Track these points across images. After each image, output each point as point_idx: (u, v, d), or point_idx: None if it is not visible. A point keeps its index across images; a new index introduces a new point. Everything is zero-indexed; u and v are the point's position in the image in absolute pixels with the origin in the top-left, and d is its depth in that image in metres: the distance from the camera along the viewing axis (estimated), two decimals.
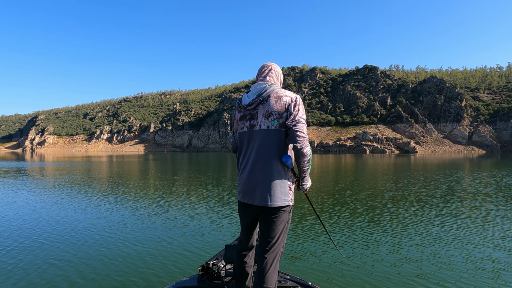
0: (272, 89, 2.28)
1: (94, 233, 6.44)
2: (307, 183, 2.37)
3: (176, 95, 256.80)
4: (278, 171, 2.23)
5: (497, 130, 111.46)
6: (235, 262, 2.50)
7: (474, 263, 4.74)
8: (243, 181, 2.32)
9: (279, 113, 2.21)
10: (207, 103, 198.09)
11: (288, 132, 2.22)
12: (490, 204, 9.42)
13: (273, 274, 2.25)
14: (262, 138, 2.23)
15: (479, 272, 4.39)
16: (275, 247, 2.27)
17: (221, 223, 7.32)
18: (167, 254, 5.14)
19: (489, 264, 4.70)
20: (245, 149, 2.33)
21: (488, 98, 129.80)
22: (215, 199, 10.64)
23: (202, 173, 21.45)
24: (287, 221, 2.30)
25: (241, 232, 2.48)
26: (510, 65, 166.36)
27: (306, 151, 2.19)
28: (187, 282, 2.66)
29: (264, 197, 2.22)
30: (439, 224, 7.12)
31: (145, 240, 5.97)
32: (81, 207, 9.10)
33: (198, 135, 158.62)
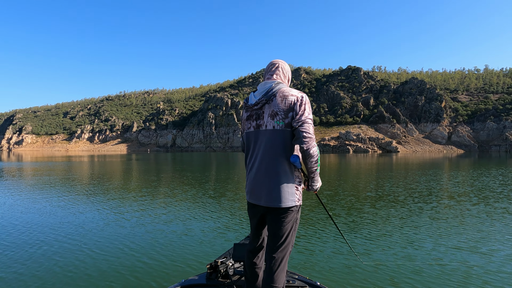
0: (278, 88, 2.23)
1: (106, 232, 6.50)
2: (316, 183, 2.33)
3: (160, 94, 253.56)
4: (285, 171, 2.20)
5: (474, 131, 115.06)
6: (245, 262, 2.48)
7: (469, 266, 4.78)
8: (250, 181, 2.31)
9: (285, 113, 2.17)
10: (192, 103, 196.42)
11: (294, 133, 2.17)
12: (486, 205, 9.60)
13: (281, 274, 2.24)
14: (268, 138, 2.21)
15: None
16: (283, 247, 2.25)
17: (230, 221, 7.34)
18: (176, 252, 5.20)
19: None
20: (252, 149, 2.32)
21: (466, 99, 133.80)
22: (223, 198, 10.64)
23: (203, 173, 21.19)
24: (295, 221, 2.28)
25: (251, 232, 2.46)
26: (486, 67, 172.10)
27: (313, 152, 2.15)
28: (196, 280, 2.67)
29: (270, 197, 2.20)
30: (457, 225, 7.18)
31: (154, 238, 6.04)
32: (84, 209, 8.79)
33: (182, 135, 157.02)
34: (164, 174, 20.57)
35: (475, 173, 20.74)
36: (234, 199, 10.54)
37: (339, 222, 7.22)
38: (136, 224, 7.15)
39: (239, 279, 2.64)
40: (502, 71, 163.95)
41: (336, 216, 7.86)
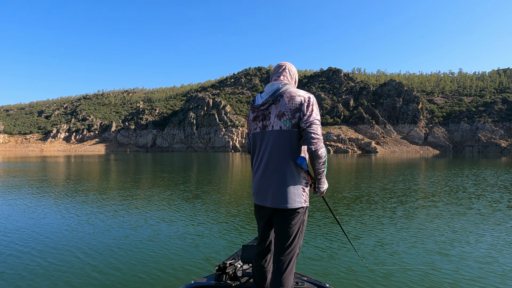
0: (286, 89, 2.23)
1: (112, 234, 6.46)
2: (323, 185, 2.31)
3: (139, 93, 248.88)
4: (291, 172, 2.18)
5: (449, 132, 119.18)
6: (253, 264, 2.47)
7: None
8: (256, 182, 2.30)
9: (292, 113, 2.15)
10: (172, 102, 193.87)
11: (302, 134, 2.16)
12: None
13: (289, 276, 2.22)
14: (275, 139, 2.20)
15: None
16: (290, 248, 2.23)
17: (238, 223, 7.36)
18: (184, 254, 5.23)
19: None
20: (258, 150, 2.30)
21: (441, 101, 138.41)
22: (231, 200, 10.64)
23: (206, 173, 20.91)
24: (302, 222, 2.26)
25: (258, 235, 2.44)
26: (460, 71, 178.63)
27: (321, 153, 2.13)
28: (204, 281, 2.67)
29: (276, 199, 2.18)
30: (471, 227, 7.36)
31: (162, 239, 6.04)
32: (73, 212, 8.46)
33: (163, 135, 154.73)
34: (162, 175, 20.22)
35: (465, 172, 21.46)
36: (242, 200, 10.53)
37: (344, 223, 7.23)
38: (144, 225, 7.14)
39: (248, 281, 2.63)
40: (475, 74, 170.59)
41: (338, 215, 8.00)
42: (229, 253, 5.20)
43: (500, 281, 4.14)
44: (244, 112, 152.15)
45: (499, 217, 7.74)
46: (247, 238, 6.12)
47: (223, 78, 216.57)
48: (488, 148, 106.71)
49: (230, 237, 6.23)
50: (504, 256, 5.05)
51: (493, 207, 9.03)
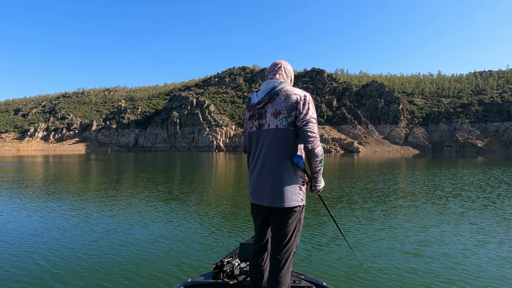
0: (281, 87, 2.22)
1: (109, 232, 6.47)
2: (320, 183, 2.31)
3: (121, 91, 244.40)
4: (288, 171, 2.17)
5: (429, 132, 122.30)
6: (250, 262, 2.48)
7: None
8: (253, 181, 2.29)
9: (288, 112, 2.15)
10: (155, 101, 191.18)
11: (298, 132, 2.15)
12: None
13: (286, 275, 2.23)
14: (271, 138, 2.19)
15: None
16: (287, 247, 2.23)
17: (236, 221, 7.38)
18: (182, 252, 5.23)
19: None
20: (254, 149, 2.30)
21: (421, 103, 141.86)
22: (228, 198, 10.63)
23: (197, 172, 20.44)
24: (298, 221, 2.26)
25: (255, 233, 2.44)
26: (439, 73, 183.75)
27: (318, 151, 2.13)
28: (202, 279, 2.69)
29: (273, 197, 2.18)
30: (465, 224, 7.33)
31: (160, 237, 6.04)
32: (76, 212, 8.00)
33: (145, 134, 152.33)
34: (150, 175, 19.70)
35: (450, 171, 21.85)
36: (239, 199, 10.54)
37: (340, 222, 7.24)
38: (141, 224, 7.12)
39: (245, 279, 2.64)
40: (453, 76, 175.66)
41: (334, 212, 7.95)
42: (227, 251, 5.19)
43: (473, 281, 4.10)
44: (228, 112, 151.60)
45: (474, 216, 7.83)
46: (245, 236, 6.14)
47: (207, 77, 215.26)
48: (465, 148, 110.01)
49: (228, 235, 6.23)
50: (478, 255, 5.05)
51: (468, 207, 9.15)
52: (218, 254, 5.05)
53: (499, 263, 4.75)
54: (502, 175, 19.48)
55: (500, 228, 6.73)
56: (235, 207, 9.12)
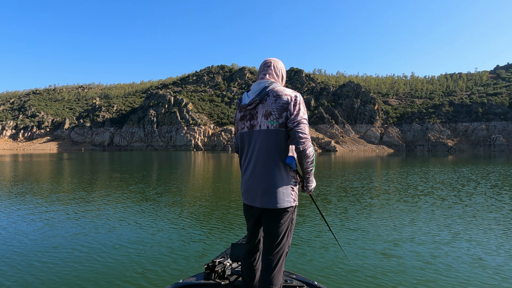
0: (272, 88, 2.20)
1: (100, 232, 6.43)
2: (311, 183, 2.31)
3: (95, 89, 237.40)
4: (279, 172, 2.17)
5: (402, 132, 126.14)
6: (242, 263, 2.49)
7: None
8: (245, 182, 2.29)
9: (279, 113, 2.14)
10: (131, 99, 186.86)
11: (289, 133, 2.15)
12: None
13: (278, 274, 2.23)
14: (262, 139, 2.19)
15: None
16: (279, 247, 2.23)
17: (227, 221, 7.37)
18: (173, 252, 5.20)
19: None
20: (246, 150, 2.29)
21: (396, 103, 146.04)
22: (220, 198, 10.61)
23: (191, 172, 19.91)
24: (290, 221, 2.26)
25: (248, 233, 2.46)
26: (413, 74, 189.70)
27: (309, 152, 2.14)
28: (193, 280, 2.69)
29: (265, 198, 2.18)
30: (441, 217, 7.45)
31: (150, 238, 6.00)
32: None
33: (121, 133, 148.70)
34: (128, 174, 19.09)
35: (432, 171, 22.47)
36: (231, 199, 10.49)
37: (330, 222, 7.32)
38: (132, 224, 7.05)
39: (237, 279, 2.65)
40: (426, 78, 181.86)
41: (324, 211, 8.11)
42: (218, 251, 5.17)
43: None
44: (206, 111, 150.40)
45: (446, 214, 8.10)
46: (237, 236, 6.12)
47: (185, 75, 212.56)
48: (436, 147, 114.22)
49: (220, 235, 6.21)
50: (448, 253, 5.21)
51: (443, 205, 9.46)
52: (210, 255, 5.02)
53: (470, 262, 4.91)
54: (470, 173, 20.33)
55: (471, 226, 6.99)
56: (225, 207, 9.08)
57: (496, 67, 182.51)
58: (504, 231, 6.56)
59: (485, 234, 6.31)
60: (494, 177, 17.85)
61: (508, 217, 7.78)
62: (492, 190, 12.58)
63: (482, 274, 4.37)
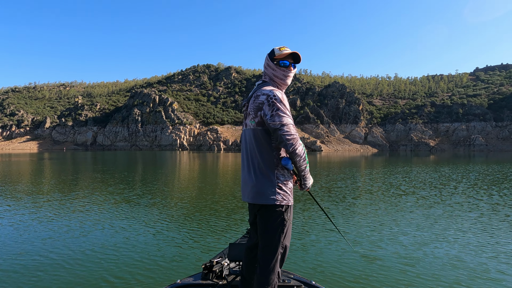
0: (256, 89, 2.30)
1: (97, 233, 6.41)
2: (308, 181, 2.33)
3: (78, 87, 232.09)
4: (261, 169, 2.22)
5: (386, 132, 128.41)
6: (243, 258, 2.51)
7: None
8: (241, 178, 2.42)
9: (255, 112, 2.23)
10: (115, 98, 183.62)
11: (275, 136, 2.18)
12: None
13: (271, 274, 2.22)
14: (247, 137, 2.33)
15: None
16: (271, 246, 2.23)
17: (225, 221, 7.38)
18: (171, 252, 5.22)
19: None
20: (243, 147, 2.43)
21: (380, 103, 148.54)
22: (218, 198, 10.65)
23: (188, 172, 19.54)
24: (283, 221, 2.23)
25: (250, 230, 2.53)
26: (396, 76, 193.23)
27: (299, 151, 2.16)
28: (191, 280, 2.69)
29: (251, 195, 2.26)
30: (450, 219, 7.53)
31: (148, 238, 6.00)
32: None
33: (104, 132, 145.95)
34: (113, 174, 18.68)
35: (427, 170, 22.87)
36: (229, 199, 10.53)
37: None
38: (129, 225, 7.02)
39: (234, 279, 2.65)
40: (408, 79, 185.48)
41: None
42: (216, 251, 5.17)
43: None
44: (192, 110, 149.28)
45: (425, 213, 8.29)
46: (234, 236, 6.13)
47: (170, 74, 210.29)
48: (419, 147, 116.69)
49: (217, 235, 6.23)
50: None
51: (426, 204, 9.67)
52: (207, 255, 5.03)
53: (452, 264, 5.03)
54: (451, 172, 20.86)
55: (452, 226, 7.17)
56: (223, 207, 9.13)
57: (475, 69, 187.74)
58: (482, 230, 6.75)
59: (465, 234, 6.48)
60: (473, 176, 18.38)
61: (487, 217, 8.01)
62: (471, 189, 12.95)
63: (462, 274, 4.49)
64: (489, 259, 4.97)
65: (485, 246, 5.60)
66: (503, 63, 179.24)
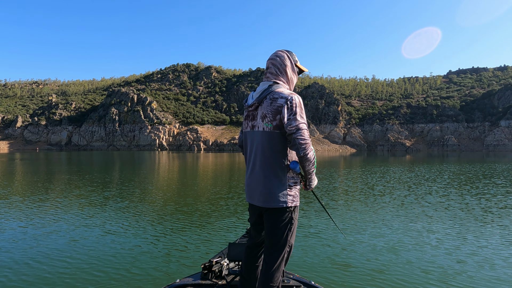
0: (270, 90, 2.24)
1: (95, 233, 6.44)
2: (313, 182, 2.35)
3: (52, 85, 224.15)
4: (275, 173, 2.22)
5: (364, 132, 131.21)
6: (243, 257, 2.52)
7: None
8: (246, 180, 2.39)
9: (273, 115, 2.19)
10: (91, 97, 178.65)
11: (289, 139, 2.19)
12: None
13: (276, 273, 2.26)
14: (259, 140, 2.26)
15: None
16: (278, 247, 2.27)
17: (225, 221, 7.41)
18: (170, 252, 5.23)
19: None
20: (249, 149, 2.37)
21: (358, 104, 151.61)
22: (218, 198, 10.64)
23: (187, 172, 18.92)
24: (290, 221, 2.28)
25: (251, 228, 2.51)
26: (374, 77, 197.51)
27: (310, 156, 2.17)
28: (190, 280, 2.70)
29: (262, 198, 2.24)
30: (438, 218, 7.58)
31: (147, 237, 6.02)
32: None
33: (80, 132, 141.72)
34: (90, 175, 18.00)
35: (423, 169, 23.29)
36: (229, 198, 10.58)
37: None
38: (128, 223, 7.10)
39: (234, 279, 2.65)
40: (385, 81, 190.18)
41: None
42: (215, 251, 5.18)
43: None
44: (171, 109, 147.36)
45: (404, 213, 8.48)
46: (234, 236, 6.15)
47: (149, 73, 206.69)
48: (395, 147, 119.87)
49: (217, 235, 6.26)
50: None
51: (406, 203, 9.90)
52: (207, 254, 5.05)
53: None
54: (427, 173, 21.50)
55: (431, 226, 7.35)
56: (223, 206, 9.21)
57: (448, 72, 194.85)
58: (460, 230, 6.95)
59: (436, 235, 6.66)
60: (447, 175, 19.02)
61: (462, 217, 8.27)
62: (444, 189, 13.37)
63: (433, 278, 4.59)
64: (460, 261, 5.11)
65: (459, 248, 5.77)
66: (474, 67, 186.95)
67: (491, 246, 5.60)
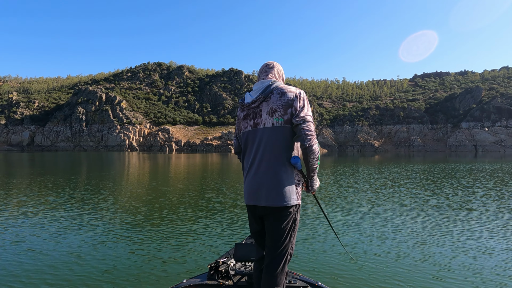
0: (276, 85, 2.24)
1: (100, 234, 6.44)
2: (316, 182, 2.32)
3: (12, 82, 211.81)
4: (285, 169, 2.18)
5: (335, 133, 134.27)
6: (254, 271, 2.47)
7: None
8: (249, 181, 2.27)
9: (284, 109, 2.17)
10: (56, 95, 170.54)
11: (295, 130, 2.17)
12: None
13: (280, 275, 2.23)
14: (267, 136, 2.19)
15: None
16: (282, 248, 2.23)
17: (231, 222, 7.41)
18: (177, 252, 5.26)
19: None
20: (250, 149, 2.30)
21: (329, 106, 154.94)
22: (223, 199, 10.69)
23: (191, 172, 17.89)
24: (293, 221, 2.24)
25: (255, 243, 2.44)
26: (344, 79, 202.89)
27: (315, 148, 2.14)
28: (197, 280, 2.72)
29: (271, 197, 2.17)
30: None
31: (154, 238, 6.05)
32: None
33: (44, 132, 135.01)
34: (56, 177, 16.88)
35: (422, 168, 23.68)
36: (235, 200, 10.57)
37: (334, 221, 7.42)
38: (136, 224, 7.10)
39: (240, 280, 2.66)
40: (355, 83, 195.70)
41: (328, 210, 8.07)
42: (222, 251, 5.20)
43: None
44: (142, 109, 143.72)
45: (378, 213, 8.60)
46: (240, 236, 6.14)
47: (118, 71, 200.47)
48: (365, 148, 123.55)
49: (223, 235, 6.27)
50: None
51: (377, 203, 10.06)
52: (213, 255, 5.07)
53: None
54: (396, 173, 22.18)
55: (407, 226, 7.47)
56: (229, 207, 9.23)
57: (414, 75, 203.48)
58: (438, 230, 7.11)
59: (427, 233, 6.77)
60: (413, 176, 19.69)
61: (435, 218, 8.49)
62: (414, 189, 13.80)
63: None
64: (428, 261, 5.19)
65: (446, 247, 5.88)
66: (437, 71, 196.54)
67: None
